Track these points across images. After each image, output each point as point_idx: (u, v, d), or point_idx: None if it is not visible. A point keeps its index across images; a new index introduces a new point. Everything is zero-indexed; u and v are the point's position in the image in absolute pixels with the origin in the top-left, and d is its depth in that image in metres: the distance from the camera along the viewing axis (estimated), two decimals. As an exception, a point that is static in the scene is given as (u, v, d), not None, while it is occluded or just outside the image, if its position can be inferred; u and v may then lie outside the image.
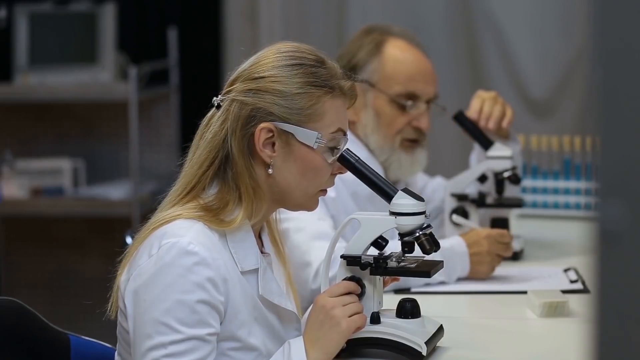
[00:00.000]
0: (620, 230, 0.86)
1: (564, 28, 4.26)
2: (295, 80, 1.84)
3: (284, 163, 1.85)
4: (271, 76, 1.84)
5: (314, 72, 1.86)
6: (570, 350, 1.97)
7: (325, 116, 1.86)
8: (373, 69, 2.69)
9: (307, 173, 1.86)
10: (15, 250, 4.75)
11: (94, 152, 4.72)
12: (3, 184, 4.45)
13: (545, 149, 3.38)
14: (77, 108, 4.71)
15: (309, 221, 2.52)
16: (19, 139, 4.72)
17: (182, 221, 1.79)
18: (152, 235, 1.79)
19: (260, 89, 1.83)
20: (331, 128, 1.87)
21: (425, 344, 1.89)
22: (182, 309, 1.73)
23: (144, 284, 1.76)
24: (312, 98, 1.84)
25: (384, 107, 2.69)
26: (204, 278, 1.74)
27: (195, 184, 1.83)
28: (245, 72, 1.86)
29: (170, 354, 1.72)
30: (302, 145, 1.85)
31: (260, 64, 1.86)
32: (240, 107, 1.83)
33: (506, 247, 2.54)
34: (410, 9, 4.39)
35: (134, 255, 1.81)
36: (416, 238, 1.88)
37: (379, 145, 2.71)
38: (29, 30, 4.58)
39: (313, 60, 1.87)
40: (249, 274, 1.84)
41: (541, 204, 3.39)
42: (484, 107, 2.79)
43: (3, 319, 1.93)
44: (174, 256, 1.74)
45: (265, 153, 1.83)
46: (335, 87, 1.87)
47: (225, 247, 1.81)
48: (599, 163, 0.87)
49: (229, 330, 1.79)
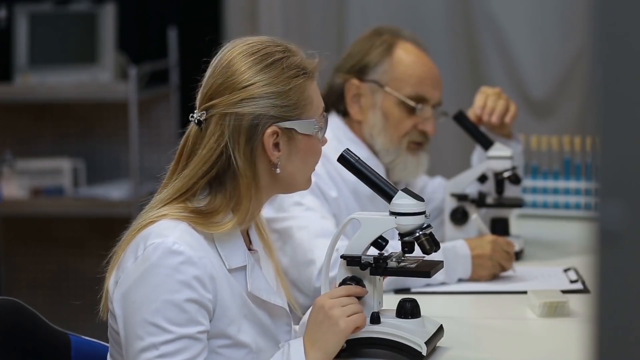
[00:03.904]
0: (620, 230, 0.86)
1: (564, 28, 4.26)
2: (282, 77, 1.85)
3: (289, 158, 1.86)
4: (259, 81, 1.83)
5: (290, 63, 1.87)
6: (570, 350, 1.97)
7: (313, 100, 1.89)
8: (384, 70, 2.70)
9: (308, 160, 1.90)
10: (15, 250, 4.75)
11: (94, 152, 4.71)
12: (3, 184, 4.45)
13: (545, 149, 3.38)
14: (77, 108, 4.71)
15: (311, 219, 2.53)
16: (19, 139, 4.72)
17: (166, 221, 1.79)
18: (137, 237, 1.79)
19: (252, 97, 1.83)
20: (319, 110, 1.90)
21: (425, 344, 1.89)
22: (171, 309, 1.73)
23: (131, 286, 1.76)
24: (300, 88, 1.86)
25: (393, 108, 2.70)
26: (191, 277, 1.74)
27: (187, 192, 1.83)
28: (224, 85, 1.84)
29: (163, 354, 1.73)
30: (303, 136, 1.87)
31: (237, 72, 1.84)
32: (238, 119, 1.82)
33: (509, 257, 2.54)
34: (410, 9, 4.38)
35: (121, 257, 1.81)
36: (416, 238, 1.88)
37: (385, 147, 2.72)
38: (29, 30, 4.58)
39: (283, 51, 1.88)
40: (236, 272, 1.84)
41: (541, 204, 3.39)
42: (487, 102, 2.80)
43: (3, 319, 1.93)
44: (160, 257, 1.74)
45: (274, 156, 1.84)
46: (308, 69, 1.89)
47: (211, 246, 1.81)
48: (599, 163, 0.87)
49: (219, 327, 1.80)
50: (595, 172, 0.88)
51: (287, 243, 2.54)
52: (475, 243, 2.53)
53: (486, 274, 2.50)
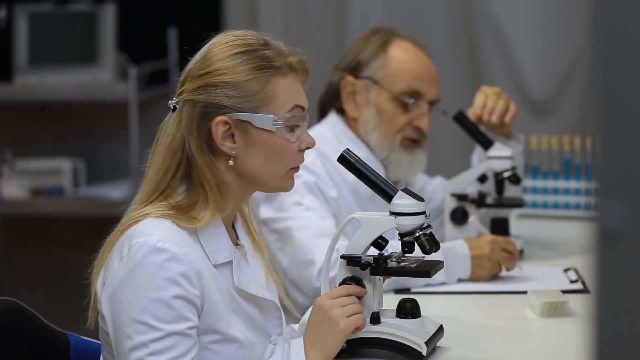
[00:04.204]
0: (620, 230, 0.86)
1: (564, 28, 4.26)
2: (241, 68, 1.83)
3: (247, 152, 1.84)
4: (216, 70, 1.83)
5: (259, 55, 1.85)
6: (570, 350, 1.97)
7: (279, 96, 1.85)
8: (377, 66, 2.70)
9: (272, 156, 1.85)
10: (15, 250, 4.75)
11: (94, 152, 4.72)
12: (3, 184, 4.45)
13: (545, 149, 3.38)
14: (77, 108, 4.71)
15: (311, 219, 2.53)
16: (19, 139, 4.72)
17: (150, 220, 1.79)
18: (122, 237, 1.80)
19: (209, 85, 1.83)
20: (287, 107, 1.86)
21: (425, 344, 1.89)
22: (158, 307, 1.73)
23: (118, 286, 1.76)
24: (261, 81, 1.83)
25: (386, 104, 2.70)
26: (177, 273, 1.75)
27: (164, 188, 1.84)
28: (192, 71, 1.86)
29: (153, 352, 1.73)
30: (260, 131, 1.84)
31: (205, 59, 1.86)
32: (193, 106, 1.83)
33: (509, 257, 2.53)
34: (410, 9, 4.38)
35: (107, 258, 1.81)
36: (416, 238, 1.88)
37: (379, 144, 2.71)
38: (29, 30, 4.58)
39: (256, 44, 1.87)
40: (222, 267, 1.84)
41: (541, 204, 3.39)
42: (487, 101, 2.79)
43: (3, 319, 1.93)
44: (144, 255, 1.75)
45: (226, 146, 1.83)
46: (282, 65, 1.86)
47: (196, 242, 1.81)
48: (599, 163, 0.87)
49: (208, 323, 1.80)
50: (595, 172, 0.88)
51: (287, 243, 2.54)
52: (474, 243, 2.53)
53: (485, 274, 2.50)
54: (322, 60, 4.30)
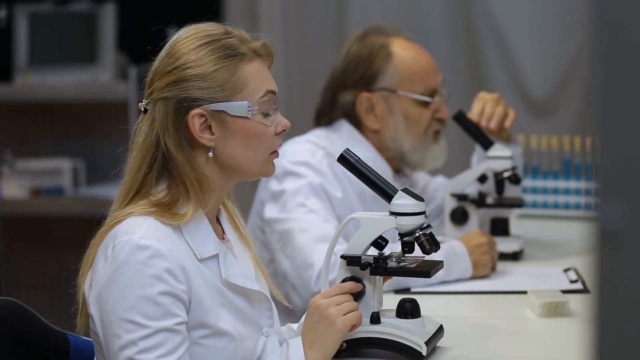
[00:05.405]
0: (620, 230, 0.86)
1: (564, 28, 4.26)
2: (208, 59, 1.84)
3: (226, 141, 1.85)
4: (183, 64, 1.84)
5: (223, 44, 1.86)
6: (570, 350, 1.97)
7: (249, 83, 1.86)
8: (390, 75, 2.71)
9: (251, 143, 1.86)
10: (15, 250, 4.75)
11: (94, 152, 4.71)
12: (3, 184, 4.45)
13: (545, 149, 3.38)
14: (77, 108, 4.71)
15: (313, 223, 2.53)
16: (19, 139, 4.72)
17: (133, 218, 1.80)
18: (106, 237, 1.81)
19: (178, 80, 1.83)
20: (259, 92, 1.86)
21: (425, 344, 1.88)
22: (145, 304, 1.74)
23: (104, 286, 1.77)
24: (229, 70, 1.84)
25: (411, 108, 2.73)
26: (161, 269, 1.75)
27: (138, 188, 1.84)
28: (159, 69, 1.87)
29: (142, 349, 1.73)
30: (237, 119, 1.84)
31: (170, 55, 1.87)
32: (165, 104, 1.83)
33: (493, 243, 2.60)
34: (410, 9, 4.38)
35: (93, 260, 1.81)
36: (416, 238, 1.88)
37: (413, 146, 2.74)
38: (29, 30, 4.58)
39: (218, 34, 1.88)
40: (208, 261, 1.84)
41: (541, 204, 3.39)
42: (485, 108, 2.80)
43: (3, 319, 1.93)
44: (128, 253, 1.75)
45: (204, 138, 1.83)
46: (247, 51, 1.87)
47: (180, 238, 1.81)
48: (599, 163, 0.87)
49: (197, 318, 1.80)
50: (595, 172, 0.88)
51: (288, 245, 2.54)
52: (467, 238, 2.58)
53: (487, 258, 2.52)
54: (322, 60, 4.31)
